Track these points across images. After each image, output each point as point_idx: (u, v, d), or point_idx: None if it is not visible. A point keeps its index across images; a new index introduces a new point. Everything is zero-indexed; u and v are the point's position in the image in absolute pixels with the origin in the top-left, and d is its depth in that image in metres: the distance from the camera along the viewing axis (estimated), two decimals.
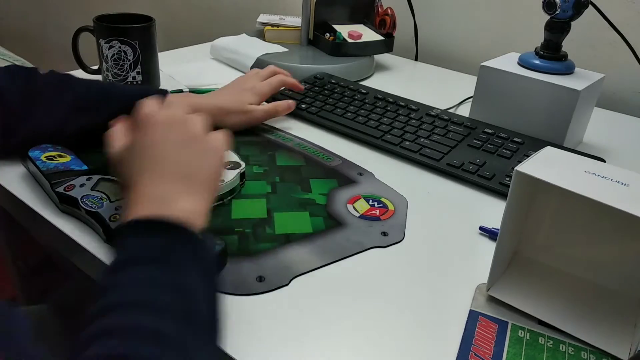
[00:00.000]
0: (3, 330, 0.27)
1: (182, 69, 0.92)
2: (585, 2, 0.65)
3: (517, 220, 0.46)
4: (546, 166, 0.41)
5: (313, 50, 0.99)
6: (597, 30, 0.85)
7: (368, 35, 0.97)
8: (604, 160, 0.66)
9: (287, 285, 0.45)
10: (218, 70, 0.95)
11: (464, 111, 0.78)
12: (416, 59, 1.11)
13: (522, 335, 0.42)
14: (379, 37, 0.97)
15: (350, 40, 0.94)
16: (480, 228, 0.54)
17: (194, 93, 0.71)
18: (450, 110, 0.81)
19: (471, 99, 0.77)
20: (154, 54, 0.78)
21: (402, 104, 0.77)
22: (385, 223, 0.54)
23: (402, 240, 0.52)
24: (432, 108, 0.76)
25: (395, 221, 0.54)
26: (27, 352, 0.27)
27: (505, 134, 0.69)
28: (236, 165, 0.57)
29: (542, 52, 0.70)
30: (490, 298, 0.45)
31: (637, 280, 0.45)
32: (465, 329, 0.42)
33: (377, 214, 0.55)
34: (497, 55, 0.76)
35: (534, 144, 0.68)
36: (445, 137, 0.69)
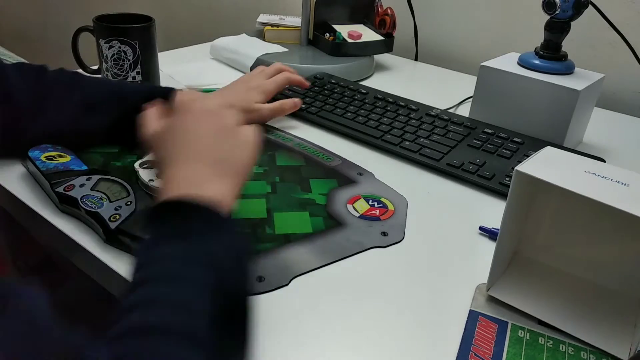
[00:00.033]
0: (23, 311, 0.27)
1: (182, 69, 0.92)
2: (585, 2, 0.65)
3: (517, 220, 0.46)
4: (546, 166, 0.41)
5: (313, 50, 0.99)
6: (597, 30, 0.85)
7: (368, 35, 0.97)
8: (604, 160, 0.66)
9: (287, 285, 0.45)
10: (218, 70, 0.95)
11: (464, 111, 0.78)
12: (416, 59, 1.11)
13: (522, 335, 0.42)
14: (379, 37, 0.97)
15: (350, 40, 0.94)
16: (480, 228, 0.54)
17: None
18: (450, 110, 0.81)
19: (471, 99, 0.76)
20: (153, 54, 0.78)
21: (402, 104, 0.77)
22: (385, 223, 0.54)
23: (402, 240, 0.52)
24: (432, 108, 0.76)
25: (395, 221, 0.54)
26: (50, 332, 0.27)
27: (505, 134, 0.69)
28: None
29: (542, 52, 0.70)
30: (490, 298, 0.45)
31: (637, 280, 0.45)
32: (465, 329, 0.42)
33: (377, 214, 0.55)
34: (497, 55, 0.76)
35: (534, 144, 0.68)
36: (445, 137, 0.69)
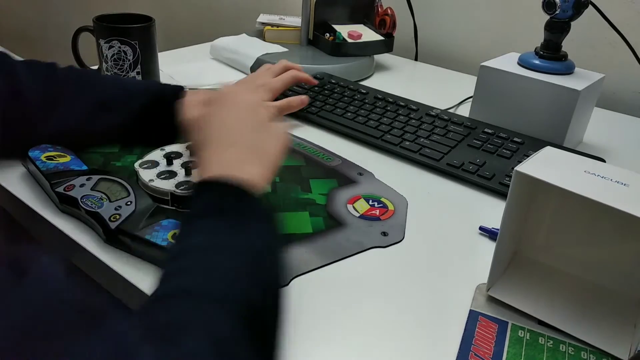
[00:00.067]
0: (46, 273, 0.28)
1: (182, 69, 0.92)
2: (585, 2, 0.65)
3: (517, 220, 0.46)
4: (546, 166, 0.41)
5: (313, 50, 0.99)
6: (597, 30, 0.85)
7: (368, 35, 0.97)
8: (604, 160, 0.66)
9: (287, 285, 0.45)
10: (218, 70, 0.95)
11: (464, 111, 0.78)
12: (416, 59, 1.11)
13: (522, 335, 0.42)
14: (379, 37, 0.97)
15: (350, 40, 0.94)
16: (480, 228, 0.54)
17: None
18: (450, 110, 0.81)
19: (471, 99, 0.77)
20: (153, 54, 0.78)
21: (402, 104, 0.77)
22: (385, 223, 0.54)
23: (402, 240, 0.52)
24: (432, 108, 0.76)
25: (395, 221, 0.54)
26: (73, 295, 0.28)
27: (505, 134, 0.69)
28: None
29: (542, 52, 0.70)
30: (490, 298, 0.45)
31: (637, 280, 0.45)
32: (465, 329, 0.42)
33: (377, 214, 0.55)
34: (497, 55, 0.76)
35: (534, 144, 0.68)
36: (445, 137, 0.69)
